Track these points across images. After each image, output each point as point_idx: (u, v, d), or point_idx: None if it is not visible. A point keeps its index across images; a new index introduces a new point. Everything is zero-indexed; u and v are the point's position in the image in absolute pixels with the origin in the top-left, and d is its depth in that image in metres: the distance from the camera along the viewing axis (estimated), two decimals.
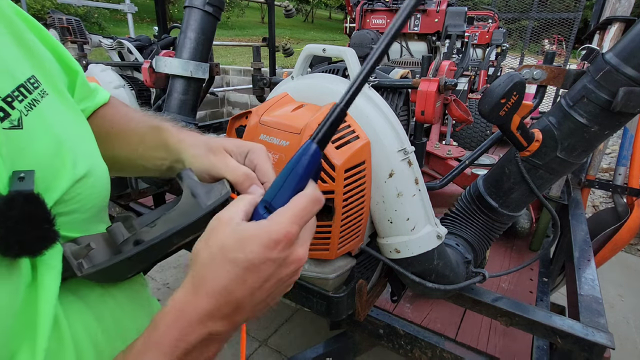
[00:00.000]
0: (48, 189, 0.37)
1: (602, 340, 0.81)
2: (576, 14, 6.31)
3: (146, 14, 14.89)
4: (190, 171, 0.43)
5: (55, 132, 0.40)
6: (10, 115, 0.35)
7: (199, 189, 0.40)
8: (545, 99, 4.35)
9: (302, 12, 24.17)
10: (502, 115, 0.75)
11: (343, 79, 0.78)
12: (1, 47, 0.38)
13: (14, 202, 0.31)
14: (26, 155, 0.36)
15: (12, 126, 0.35)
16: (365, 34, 2.97)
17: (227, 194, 0.40)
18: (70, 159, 0.40)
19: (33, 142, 0.37)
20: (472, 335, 1.27)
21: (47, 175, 0.37)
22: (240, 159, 0.46)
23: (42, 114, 0.39)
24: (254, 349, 1.96)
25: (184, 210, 0.40)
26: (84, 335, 0.40)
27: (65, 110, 0.45)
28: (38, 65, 0.43)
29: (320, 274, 0.81)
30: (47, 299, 0.35)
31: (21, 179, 0.33)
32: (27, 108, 0.37)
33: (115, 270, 0.37)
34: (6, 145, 0.34)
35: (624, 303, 2.54)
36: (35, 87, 0.40)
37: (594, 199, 3.98)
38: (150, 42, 2.09)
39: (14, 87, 0.37)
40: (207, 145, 0.48)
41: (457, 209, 1.00)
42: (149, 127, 0.54)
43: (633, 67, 0.72)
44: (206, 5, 1.40)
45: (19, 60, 0.40)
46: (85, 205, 0.42)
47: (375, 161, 0.73)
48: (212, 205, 0.39)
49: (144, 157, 0.54)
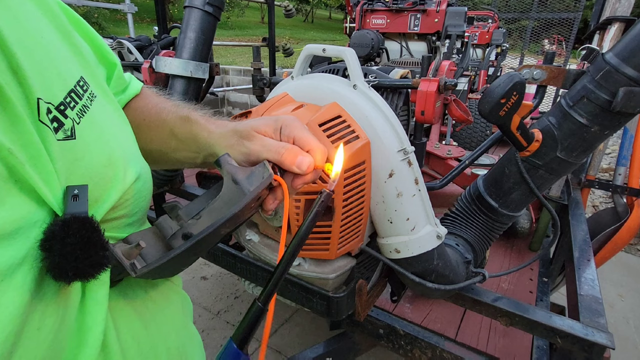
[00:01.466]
0: (98, 200, 0.36)
1: (602, 340, 0.81)
2: (576, 14, 6.32)
3: (146, 14, 14.89)
4: (228, 156, 0.40)
5: (106, 138, 0.38)
6: (64, 125, 0.33)
7: (240, 175, 0.39)
8: (545, 99, 4.35)
9: (302, 12, 24.17)
10: (502, 115, 0.75)
11: (343, 79, 0.78)
12: (51, 47, 0.36)
13: (70, 227, 0.29)
14: (80, 167, 0.34)
15: (66, 137, 0.33)
16: (365, 34, 2.97)
17: (270, 176, 0.38)
18: (121, 168, 0.39)
19: (86, 152, 0.35)
20: (472, 335, 1.27)
21: (98, 187, 0.36)
22: (275, 136, 0.43)
23: (93, 121, 0.37)
24: (254, 348, 1.96)
25: (227, 199, 0.38)
26: (132, 345, 0.40)
27: (111, 111, 0.43)
28: (84, 63, 0.41)
29: (320, 274, 0.81)
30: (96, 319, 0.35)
31: (75, 198, 0.32)
32: (79, 115, 0.35)
33: (168, 267, 0.37)
34: (61, 158, 0.32)
35: (624, 303, 2.54)
36: (84, 90, 0.38)
37: (594, 199, 3.98)
38: (150, 42, 2.09)
39: (66, 93, 0.35)
40: (236, 132, 0.45)
41: (457, 209, 1.00)
42: (179, 118, 0.51)
43: (633, 67, 0.72)
44: (206, 5, 1.40)
45: (68, 60, 0.38)
46: (134, 209, 0.41)
47: (375, 161, 0.73)
48: (256, 191, 0.37)
49: (178, 151, 0.52)
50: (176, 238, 0.39)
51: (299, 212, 0.72)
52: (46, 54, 0.34)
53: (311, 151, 0.41)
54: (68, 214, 0.30)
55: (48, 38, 0.36)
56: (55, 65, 0.35)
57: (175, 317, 0.51)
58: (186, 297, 0.58)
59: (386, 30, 3.21)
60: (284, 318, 2.22)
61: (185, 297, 0.58)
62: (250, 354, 0.36)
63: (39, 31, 0.35)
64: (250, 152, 0.42)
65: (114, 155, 0.38)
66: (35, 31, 0.34)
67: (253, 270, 0.97)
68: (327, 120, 0.68)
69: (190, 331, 0.57)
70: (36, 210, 0.30)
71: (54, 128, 0.32)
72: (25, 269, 0.28)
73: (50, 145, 0.31)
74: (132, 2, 4.67)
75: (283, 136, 0.43)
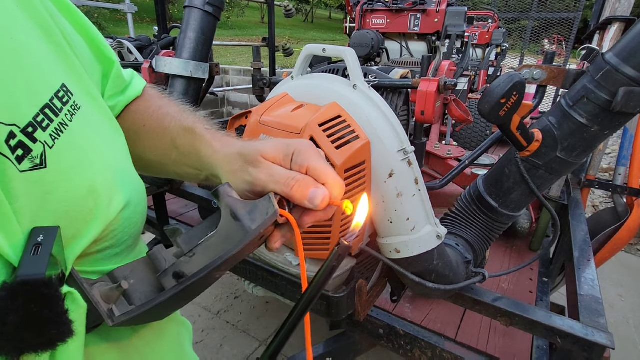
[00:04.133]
0: (76, 236, 0.31)
1: (602, 340, 0.81)
2: (576, 14, 6.31)
3: (146, 14, 14.88)
4: (229, 186, 0.36)
5: (88, 161, 0.32)
6: (32, 152, 0.27)
7: (240, 209, 0.34)
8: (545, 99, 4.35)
9: (302, 12, 24.16)
10: (502, 115, 0.75)
11: (343, 79, 0.78)
12: (23, 50, 0.29)
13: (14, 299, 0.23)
14: (51, 202, 0.28)
15: (33, 166, 0.27)
16: (365, 34, 2.97)
17: (275, 213, 0.33)
18: (105, 196, 0.33)
19: (60, 183, 0.29)
20: (472, 335, 1.27)
21: (76, 222, 0.30)
22: (285, 164, 0.37)
23: (72, 141, 0.31)
24: (254, 349, 1.96)
25: (225, 236, 0.34)
26: None
27: (100, 122, 0.37)
28: (69, 65, 0.35)
29: None
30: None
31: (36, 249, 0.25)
32: (54, 136, 0.29)
33: (153, 313, 0.32)
34: (25, 194, 0.26)
35: (624, 303, 2.54)
36: (64, 102, 0.31)
37: (594, 199, 3.98)
38: (150, 42, 2.09)
39: (38, 110, 0.28)
40: (242, 155, 0.38)
41: (457, 209, 1.00)
42: (182, 129, 0.45)
43: (633, 67, 0.72)
44: (206, 5, 1.40)
45: (47, 65, 0.32)
46: (121, 239, 0.36)
47: (375, 161, 0.73)
48: (257, 230, 0.32)
49: (178, 165, 0.46)
50: (167, 275, 0.34)
51: None
52: (15, 60, 0.28)
53: (327, 185, 0.35)
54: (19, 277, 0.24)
55: (21, 38, 0.30)
56: (27, 75, 0.29)
57: (169, 351, 0.47)
58: (184, 322, 0.54)
59: (386, 30, 3.21)
60: (284, 318, 2.22)
61: (183, 322, 0.53)
62: (250, 354, 0.35)
63: (8, 30, 0.28)
64: (255, 182, 0.36)
65: (97, 182, 0.32)
66: (3, 30, 0.28)
67: (253, 271, 0.97)
68: (327, 120, 0.68)
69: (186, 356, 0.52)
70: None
71: (18, 157, 0.26)
72: None
73: (10, 180, 0.26)
74: (132, 2, 4.67)
75: (295, 165, 0.36)
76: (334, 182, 0.35)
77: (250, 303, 2.32)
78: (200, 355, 0.54)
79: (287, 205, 0.36)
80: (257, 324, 2.15)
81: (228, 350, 1.94)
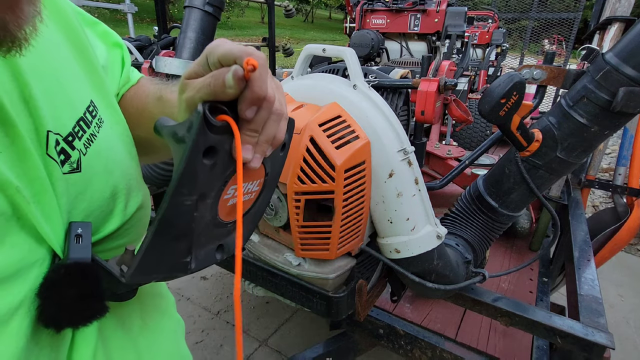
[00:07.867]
0: (95, 232, 0.35)
1: (602, 340, 0.81)
2: (576, 14, 6.31)
3: (146, 14, 14.89)
4: (163, 117, 0.34)
5: (111, 168, 0.36)
6: (70, 157, 0.31)
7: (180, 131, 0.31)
8: (545, 99, 4.35)
9: (302, 12, 24.18)
10: (502, 115, 0.75)
11: (343, 79, 0.78)
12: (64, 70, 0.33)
13: (71, 277, 0.28)
14: (82, 201, 0.32)
15: (71, 170, 0.31)
16: (365, 34, 2.97)
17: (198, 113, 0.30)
18: (123, 199, 0.37)
19: (90, 185, 0.33)
20: (472, 335, 1.27)
21: (98, 220, 0.34)
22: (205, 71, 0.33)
23: (99, 150, 0.35)
24: (254, 349, 1.96)
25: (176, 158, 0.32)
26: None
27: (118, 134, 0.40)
28: (96, 81, 0.38)
29: (320, 274, 0.81)
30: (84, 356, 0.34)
31: (78, 239, 0.30)
32: (86, 145, 0.33)
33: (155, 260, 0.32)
34: (65, 193, 0.30)
35: (624, 303, 2.54)
36: (93, 116, 0.35)
37: (594, 199, 3.98)
38: (150, 42, 2.09)
39: (75, 122, 0.32)
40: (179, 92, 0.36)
41: (457, 209, 1.00)
42: (155, 99, 0.46)
43: (633, 67, 0.72)
44: (206, 5, 1.40)
45: (80, 83, 0.36)
46: (133, 237, 0.40)
47: (375, 161, 0.73)
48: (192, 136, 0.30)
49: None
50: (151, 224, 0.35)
51: (299, 212, 0.72)
52: (58, 79, 0.32)
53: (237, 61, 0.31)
54: (71, 259, 0.29)
55: (62, 59, 0.34)
56: (67, 92, 0.33)
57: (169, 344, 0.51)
58: (179, 320, 0.58)
59: (386, 30, 3.21)
60: (284, 318, 2.22)
61: (178, 320, 0.58)
62: (250, 354, 0.35)
63: (52, 53, 0.32)
64: (188, 103, 0.34)
65: (118, 187, 0.36)
66: (49, 53, 0.32)
67: (253, 270, 0.97)
68: (327, 120, 0.68)
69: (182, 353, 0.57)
70: (35, 249, 0.28)
71: (61, 161, 0.30)
72: (22, 313, 0.27)
73: (56, 180, 0.30)
74: (132, 2, 4.67)
75: (211, 66, 0.33)
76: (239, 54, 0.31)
77: (250, 303, 2.32)
78: (200, 355, 0.55)
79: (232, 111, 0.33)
80: (257, 324, 2.15)
81: (228, 350, 1.95)
